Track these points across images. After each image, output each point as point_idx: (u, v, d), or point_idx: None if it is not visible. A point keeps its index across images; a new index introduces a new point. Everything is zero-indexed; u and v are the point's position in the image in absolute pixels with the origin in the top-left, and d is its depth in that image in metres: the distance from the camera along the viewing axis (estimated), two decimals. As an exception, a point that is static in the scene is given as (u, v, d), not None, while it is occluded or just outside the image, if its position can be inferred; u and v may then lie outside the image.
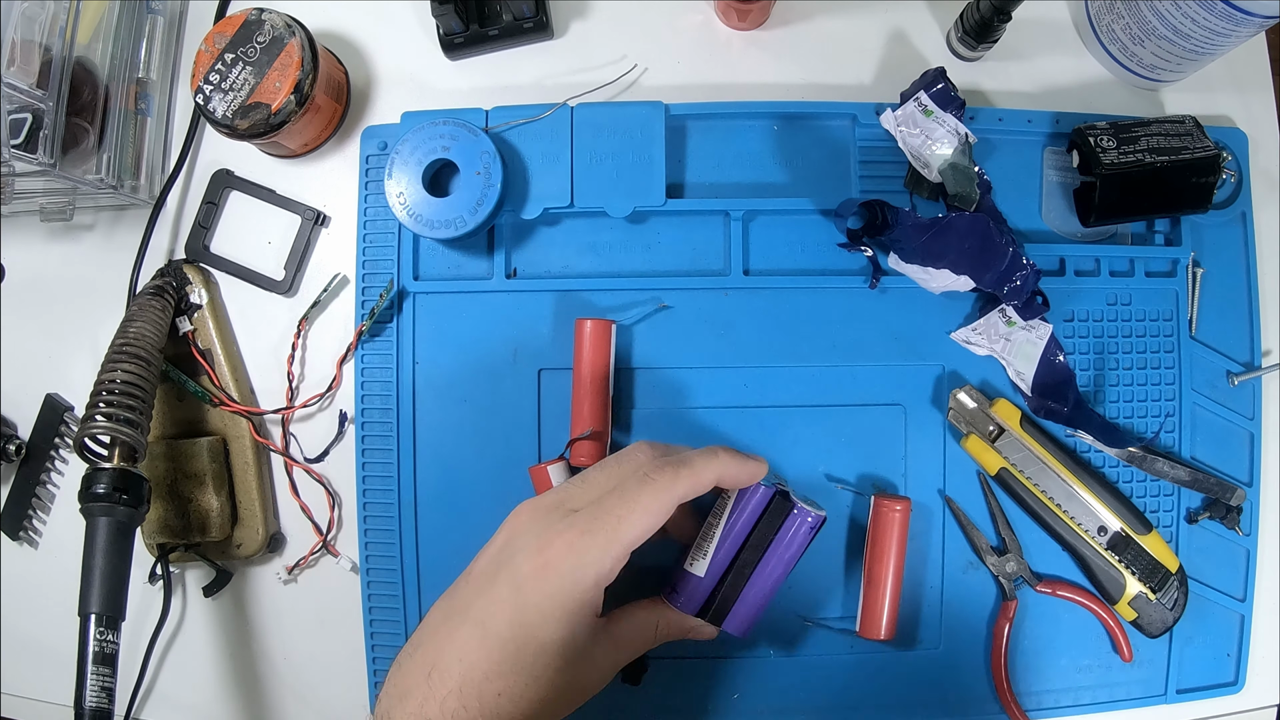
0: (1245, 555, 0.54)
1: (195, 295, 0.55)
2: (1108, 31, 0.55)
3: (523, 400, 0.54)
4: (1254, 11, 0.48)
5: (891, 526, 0.51)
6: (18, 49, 0.49)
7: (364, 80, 0.58)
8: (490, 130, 0.53)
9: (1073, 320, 0.54)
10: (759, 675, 0.53)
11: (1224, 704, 0.54)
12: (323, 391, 0.55)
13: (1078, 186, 0.55)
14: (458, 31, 0.56)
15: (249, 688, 0.56)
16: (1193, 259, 0.54)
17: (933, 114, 0.52)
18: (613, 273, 0.54)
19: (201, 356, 0.55)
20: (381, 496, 0.54)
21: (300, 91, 0.51)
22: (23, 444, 0.57)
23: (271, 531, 0.55)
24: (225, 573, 0.55)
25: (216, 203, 0.57)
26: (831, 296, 0.54)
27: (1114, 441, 0.52)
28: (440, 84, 0.58)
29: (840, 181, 0.55)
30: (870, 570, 0.51)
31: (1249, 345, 0.55)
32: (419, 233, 0.51)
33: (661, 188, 0.52)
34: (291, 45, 0.50)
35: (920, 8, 0.58)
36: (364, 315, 0.54)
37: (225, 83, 0.50)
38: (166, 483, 0.53)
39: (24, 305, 0.58)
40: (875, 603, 0.51)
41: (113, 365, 0.49)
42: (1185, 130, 0.52)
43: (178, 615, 0.56)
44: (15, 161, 0.49)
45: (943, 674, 0.53)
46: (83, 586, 0.46)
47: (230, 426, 0.55)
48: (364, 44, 0.58)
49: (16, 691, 0.57)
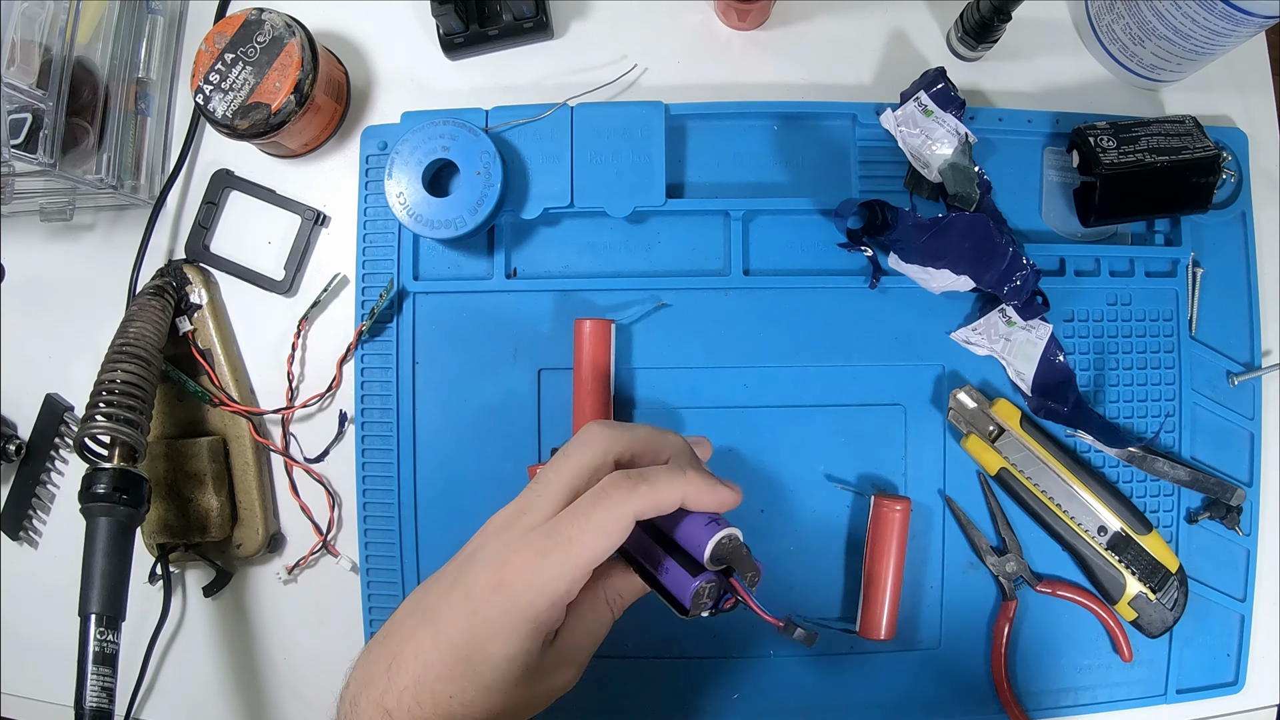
0: (1245, 555, 0.54)
1: (195, 295, 0.55)
2: (1108, 31, 0.55)
3: (523, 400, 0.53)
4: (1254, 11, 0.48)
5: (891, 527, 0.51)
6: (18, 49, 0.49)
7: (364, 80, 0.58)
8: (490, 130, 0.53)
9: (1073, 320, 0.54)
10: (759, 675, 0.53)
11: (1224, 704, 0.54)
12: (323, 391, 0.55)
13: (1078, 186, 0.55)
14: (458, 31, 0.56)
15: (249, 688, 0.56)
16: (1193, 259, 0.54)
17: (933, 114, 0.52)
18: (613, 273, 0.54)
19: (201, 356, 0.55)
20: (381, 496, 0.54)
21: (300, 91, 0.51)
22: (23, 444, 0.57)
23: (271, 531, 0.55)
24: (225, 572, 0.55)
25: (216, 203, 0.57)
26: (831, 296, 0.54)
27: (1114, 441, 0.52)
28: (440, 84, 0.58)
29: (840, 181, 0.55)
30: (870, 571, 0.51)
31: (1249, 345, 0.55)
32: (419, 233, 0.51)
33: (661, 188, 0.52)
34: (291, 45, 0.50)
35: (920, 8, 0.58)
36: (364, 315, 0.54)
37: (225, 83, 0.50)
38: (166, 483, 0.53)
39: (24, 305, 0.58)
40: (876, 603, 0.51)
41: (113, 365, 0.49)
42: (1185, 130, 0.52)
43: (178, 615, 0.56)
44: (15, 161, 0.49)
45: (943, 674, 0.53)
46: (83, 586, 0.46)
47: (230, 426, 0.55)
48: (364, 44, 0.58)
49: (16, 691, 0.57)
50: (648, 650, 0.53)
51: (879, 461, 0.53)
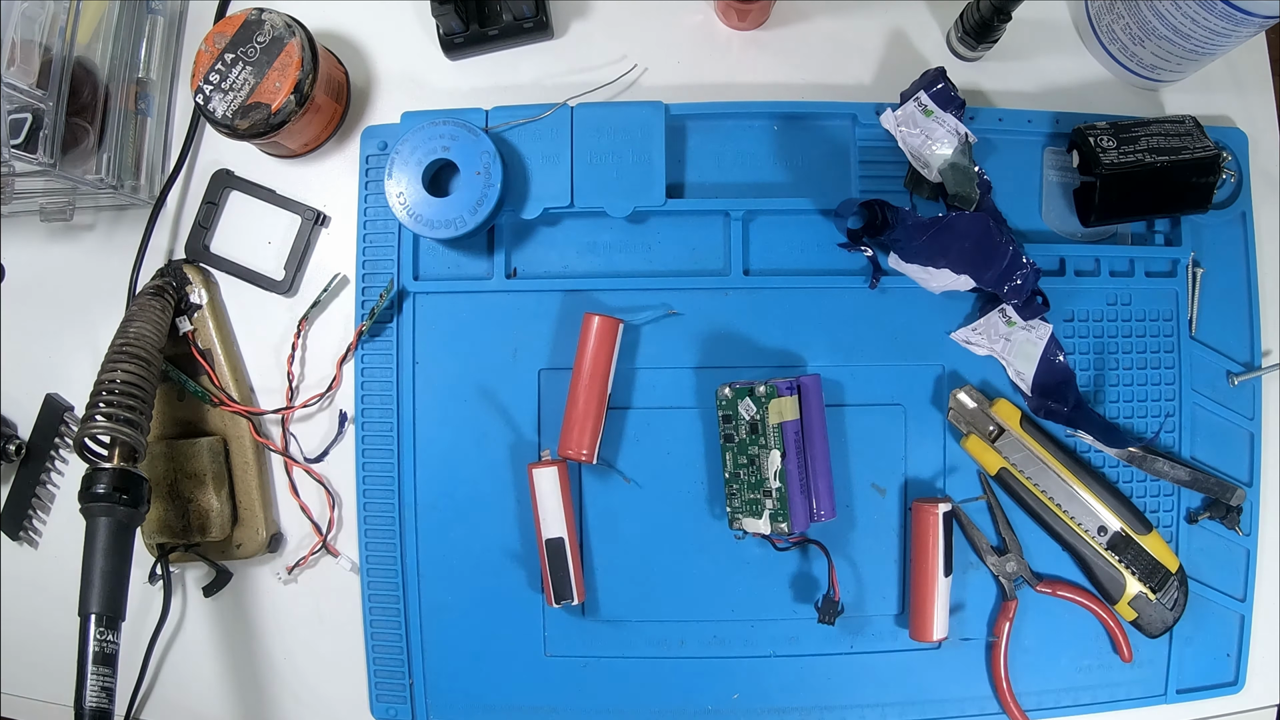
0: (1245, 555, 0.54)
1: (195, 295, 0.55)
2: (1108, 31, 0.55)
3: (523, 400, 0.53)
4: (1254, 11, 0.48)
5: (932, 529, 0.50)
6: (18, 49, 0.48)
7: (364, 80, 0.58)
8: (490, 130, 0.53)
9: (1073, 320, 0.54)
10: (759, 675, 0.53)
11: (1224, 704, 0.54)
12: (322, 392, 0.55)
13: (1078, 186, 0.55)
14: (458, 31, 0.56)
15: (249, 688, 0.56)
16: (1193, 259, 0.54)
17: (933, 114, 0.52)
18: (613, 273, 0.54)
19: (201, 356, 0.55)
20: (381, 496, 0.54)
21: (300, 91, 0.51)
22: (23, 444, 0.57)
23: (271, 531, 0.55)
24: (225, 572, 0.55)
25: (216, 203, 0.57)
26: (831, 296, 0.54)
27: (1114, 441, 0.52)
28: (440, 84, 0.58)
29: (840, 181, 0.55)
30: (916, 574, 0.51)
31: (1249, 345, 0.55)
32: (419, 233, 0.51)
33: (661, 188, 0.52)
34: (291, 45, 0.50)
35: (920, 8, 0.58)
36: (364, 315, 0.54)
37: (225, 83, 0.50)
38: (166, 483, 0.53)
39: (24, 305, 0.58)
40: (925, 606, 0.51)
41: (113, 365, 0.49)
42: (1185, 130, 0.52)
43: (178, 615, 0.56)
44: (15, 161, 0.49)
45: (943, 674, 0.53)
46: (83, 586, 0.46)
47: (230, 426, 0.55)
48: (364, 44, 0.58)
49: (16, 691, 0.57)
50: (648, 650, 0.53)
51: (879, 461, 0.53)
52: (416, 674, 0.53)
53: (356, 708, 0.54)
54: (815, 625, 0.52)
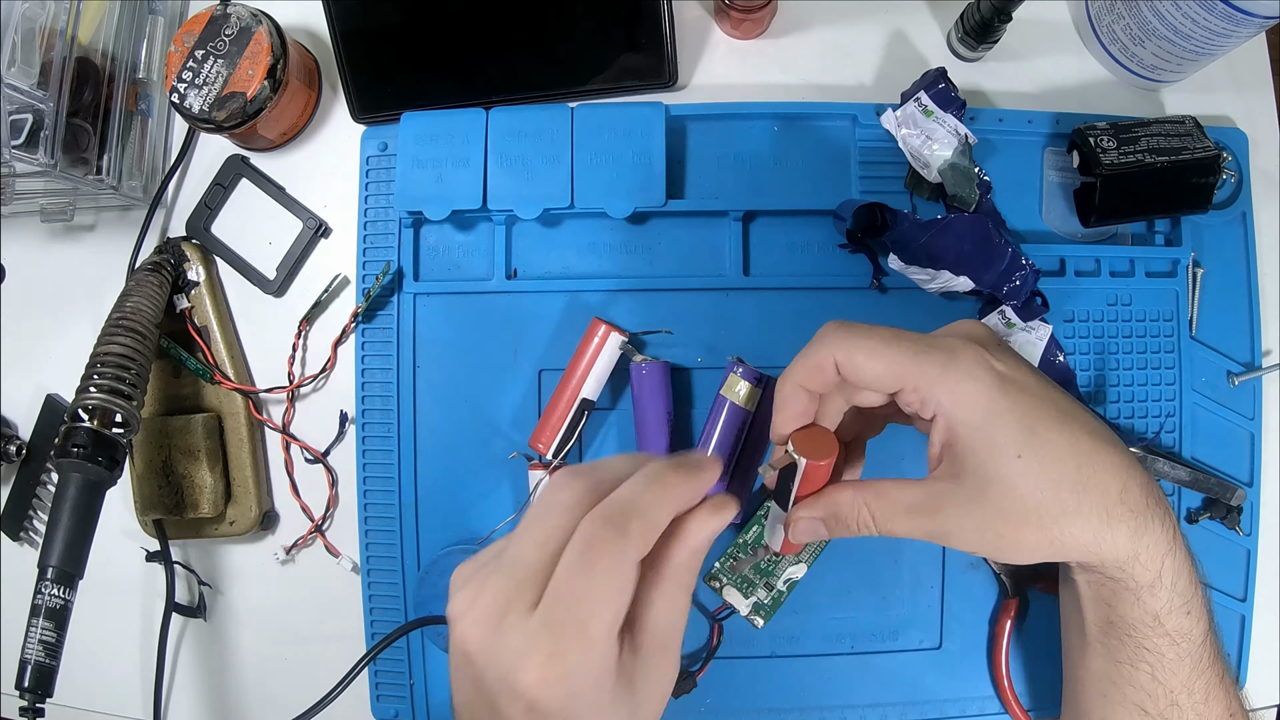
0: (1245, 555, 0.54)
1: (193, 272, 0.56)
2: (1108, 31, 0.55)
3: (523, 400, 0.53)
4: (1254, 12, 0.48)
5: None
6: (18, 49, 0.49)
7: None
8: (490, 130, 0.53)
9: (1073, 320, 0.54)
10: (760, 675, 0.53)
11: (1224, 704, 0.54)
12: (316, 373, 0.55)
13: (1078, 187, 0.55)
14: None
15: (249, 687, 0.56)
16: (1193, 259, 0.54)
17: (933, 114, 0.52)
18: (613, 273, 0.54)
19: (198, 334, 0.55)
20: (381, 496, 0.54)
21: (273, 76, 0.51)
22: (23, 444, 0.57)
23: (265, 508, 0.55)
24: (202, 607, 0.56)
25: (226, 185, 0.57)
26: (832, 297, 0.54)
27: (1114, 441, 0.52)
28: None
29: (840, 182, 0.55)
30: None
31: (1249, 345, 0.55)
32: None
33: (661, 188, 0.52)
34: (260, 33, 0.51)
35: (920, 8, 0.58)
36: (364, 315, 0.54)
37: (199, 79, 0.51)
38: (161, 459, 0.53)
39: (24, 305, 0.58)
40: None
41: (108, 339, 0.49)
42: (1185, 130, 0.52)
43: (178, 616, 0.56)
44: (16, 162, 0.49)
45: (943, 673, 0.53)
46: (45, 541, 0.46)
47: (225, 403, 0.55)
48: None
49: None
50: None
51: (878, 461, 0.53)
52: (417, 674, 0.53)
53: (357, 708, 0.54)
54: (815, 625, 0.52)
